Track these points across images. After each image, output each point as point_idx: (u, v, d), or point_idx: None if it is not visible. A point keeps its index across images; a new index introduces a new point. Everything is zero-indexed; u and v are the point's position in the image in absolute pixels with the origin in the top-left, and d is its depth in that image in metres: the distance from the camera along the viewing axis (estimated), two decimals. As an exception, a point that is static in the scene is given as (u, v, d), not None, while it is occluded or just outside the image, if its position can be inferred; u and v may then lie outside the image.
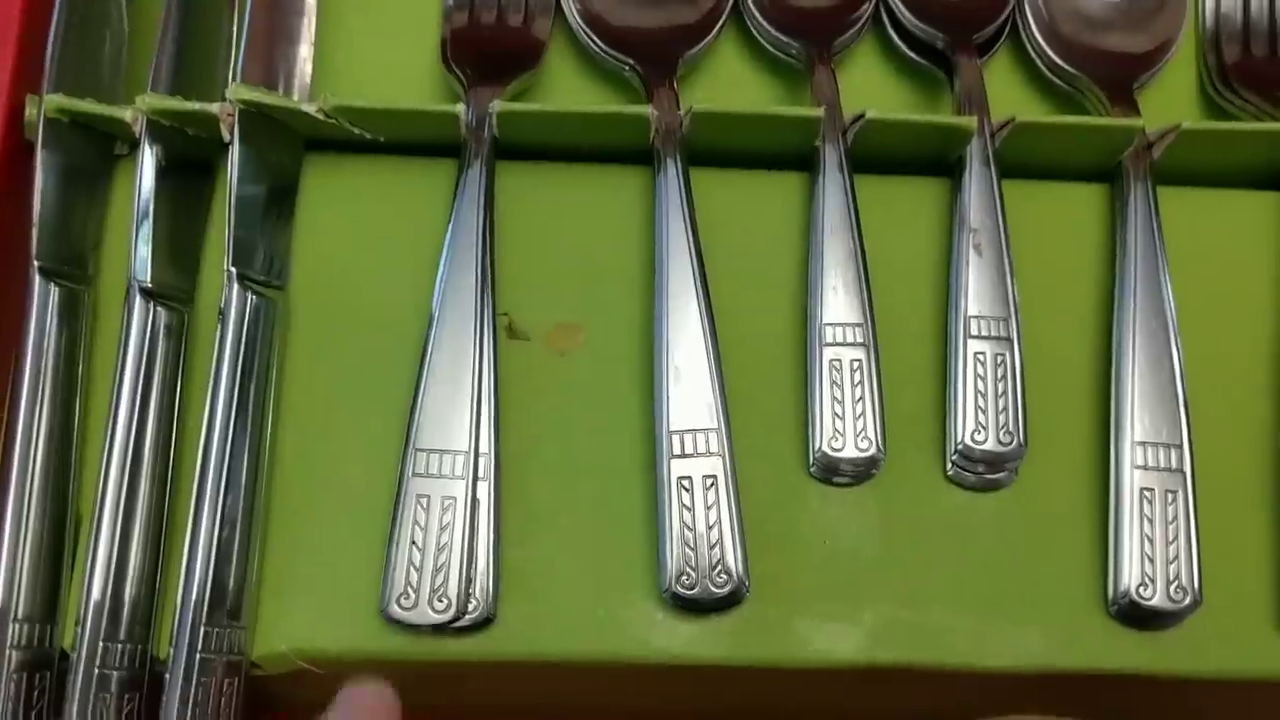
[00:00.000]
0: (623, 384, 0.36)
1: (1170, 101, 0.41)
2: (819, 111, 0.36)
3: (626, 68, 0.39)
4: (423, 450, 0.34)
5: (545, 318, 0.37)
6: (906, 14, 0.39)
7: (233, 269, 0.35)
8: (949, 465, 0.36)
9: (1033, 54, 0.40)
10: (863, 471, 0.35)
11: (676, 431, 0.34)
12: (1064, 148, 0.38)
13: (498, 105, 0.36)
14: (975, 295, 0.36)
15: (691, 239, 0.36)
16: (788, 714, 0.38)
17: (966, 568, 0.35)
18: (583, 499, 0.35)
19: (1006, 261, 0.36)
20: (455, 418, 0.34)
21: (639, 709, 0.39)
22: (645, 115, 0.36)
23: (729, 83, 0.40)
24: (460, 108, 0.36)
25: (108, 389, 0.35)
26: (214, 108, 0.36)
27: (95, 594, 0.33)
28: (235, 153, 0.35)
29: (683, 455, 0.34)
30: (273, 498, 0.35)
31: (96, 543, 0.33)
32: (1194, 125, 0.37)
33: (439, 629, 0.33)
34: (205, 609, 0.33)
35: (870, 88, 0.41)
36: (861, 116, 0.36)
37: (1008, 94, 0.41)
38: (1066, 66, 0.39)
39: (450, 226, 0.36)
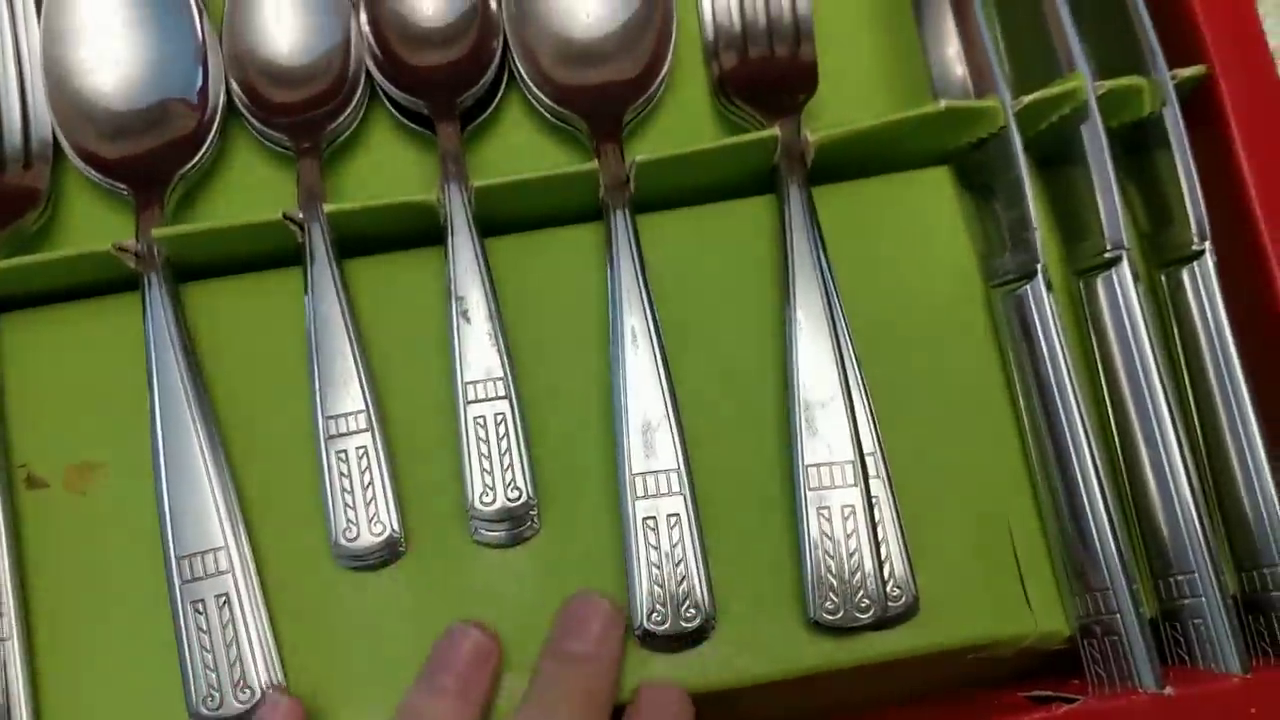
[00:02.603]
0: (146, 513, 0.36)
1: (680, 119, 0.42)
2: (276, 215, 0.37)
3: (123, 193, 0.39)
4: (-55, 621, 0.35)
5: (62, 459, 0.37)
6: (391, 87, 0.40)
7: None
8: (472, 529, 0.36)
9: (531, 101, 0.41)
10: (385, 553, 0.36)
11: (185, 556, 0.35)
12: (541, 200, 0.38)
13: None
14: (469, 360, 0.37)
15: (181, 357, 0.36)
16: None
17: (503, 624, 0.36)
18: (116, 635, 0.36)
19: (496, 323, 0.37)
20: (-26, 583, 0.35)
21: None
22: (108, 251, 0.37)
23: (236, 186, 0.41)
24: (-76, 279, 0.37)
25: None
26: None
27: None
28: None
29: (194, 580, 0.35)
30: None
31: None
32: (647, 157, 0.37)
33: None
34: None
35: (381, 160, 0.41)
36: (320, 213, 0.37)
37: (525, 141, 0.42)
38: (558, 108, 0.40)
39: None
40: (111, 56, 0.40)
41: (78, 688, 0.35)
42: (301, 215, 0.38)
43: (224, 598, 0.35)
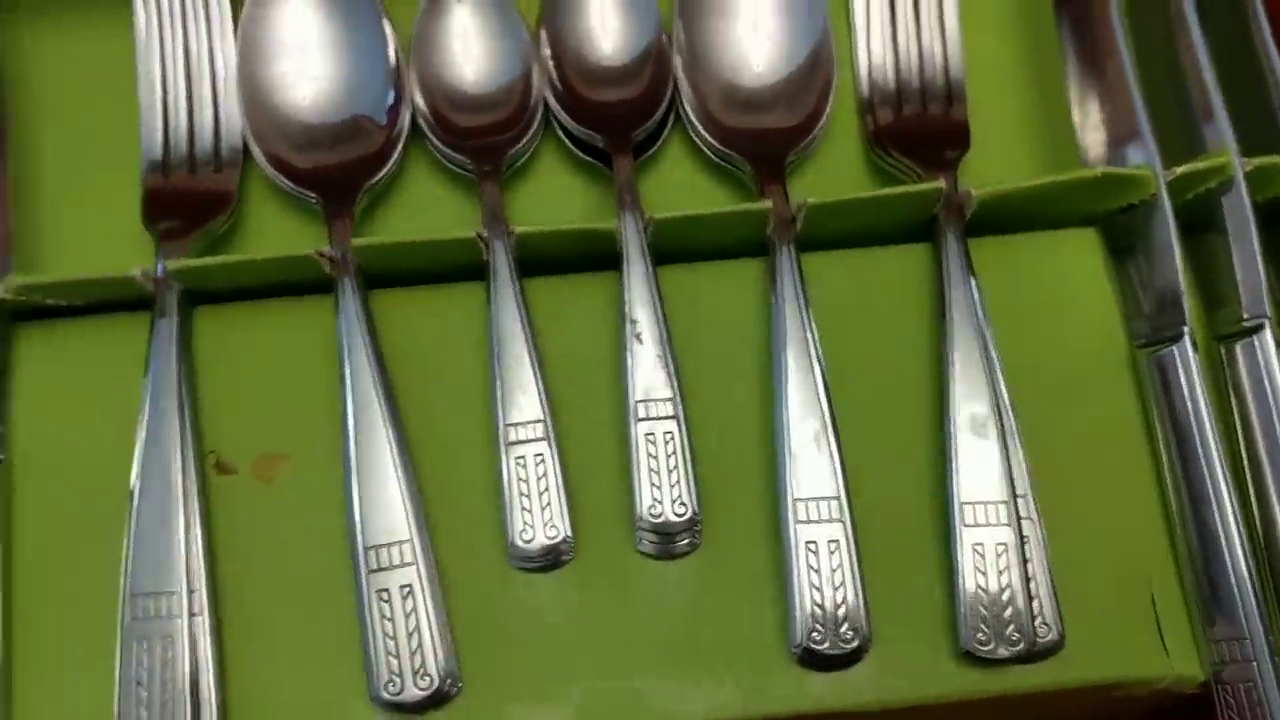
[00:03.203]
0: (327, 505, 0.38)
1: (838, 166, 0.44)
2: (470, 233, 0.39)
3: (311, 202, 0.41)
4: (138, 596, 0.36)
5: (251, 450, 0.39)
6: (569, 120, 0.42)
7: (-57, 447, 0.37)
8: (636, 539, 0.38)
9: (695, 140, 0.43)
10: (556, 557, 0.38)
11: (372, 547, 0.37)
12: (710, 234, 0.41)
13: (172, 263, 0.39)
14: (641, 380, 0.39)
15: (374, 360, 0.38)
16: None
17: (662, 632, 0.38)
18: (298, 619, 0.38)
19: (666, 346, 0.39)
20: (167, 560, 0.37)
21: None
22: (312, 255, 0.39)
23: (417, 203, 0.43)
24: (136, 270, 0.39)
25: None
26: (-98, 300, 0.38)
27: None
28: (-67, 340, 0.38)
29: (379, 569, 0.37)
30: (13, 657, 0.37)
31: None
32: (819, 200, 0.40)
33: (169, 763, 0.36)
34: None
35: (553, 191, 0.43)
36: (512, 233, 0.39)
37: (683, 178, 0.44)
38: (722, 149, 0.43)
39: (147, 377, 0.38)
40: (309, 72, 0.42)
41: (261, 665, 0.37)
42: (487, 234, 0.40)
43: (408, 588, 0.36)
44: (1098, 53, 0.43)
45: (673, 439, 0.38)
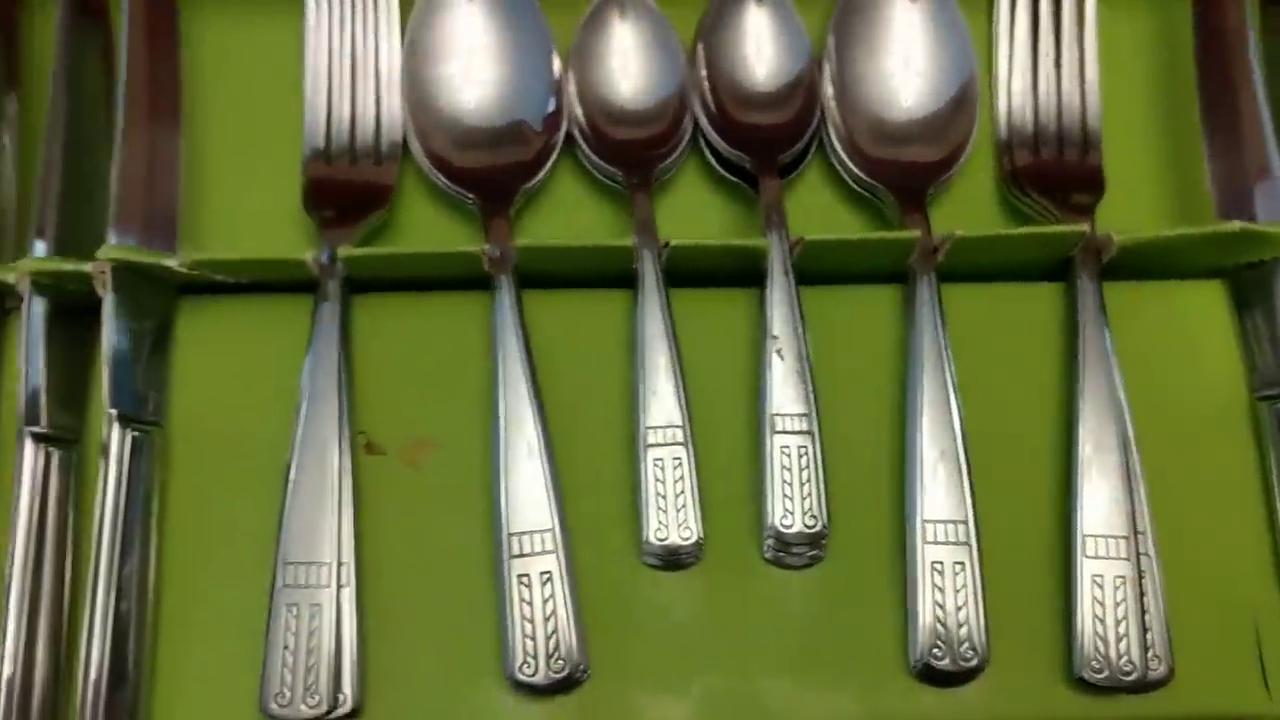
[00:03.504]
0: (470, 491, 0.40)
1: (971, 202, 0.46)
2: (629, 241, 0.41)
3: (468, 201, 0.43)
4: (290, 564, 0.38)
5: (400, 434, 0.41)
6: (718, 139, 0.44)
7: (112, 410, 0.39)
8: (765, 547, 0.40)
9: (837, 168, 0.45)
10: (688, 557, 0.39)
11: (515, 534, 0.38)
12: (854, 258, 0.42)
13: (343, 251, 0.41)
14: (778, 394, 0.40)
15: (525, 356, 0.40)
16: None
17: (784, 638, 0.39)
18: (437, 598, 0.39)
19: (805, 363, 0.40)
20: (318, 532, 0.38)
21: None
22: (475, 251, 0.41)
23: (565, 209, 0.45)
24: (308, 254, 0.41)
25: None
26: (88, 266, 0.40)
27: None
28: (109, 305, 0.39)
29: (520, 555, 0.38)
30: (161, 612, 0.39)
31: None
32: (967, 233, 0.41)
33: (311, 723, 0.37)
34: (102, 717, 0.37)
35: (694, 206, 0.45)
36: (667, 245, 0.41)
37: (820, 203, 0.45)
38: (865, 177, 0.44)
39: (308, 357, 0.40)
40: (475, 76, 0.44)
41: (399, 638, 0.39)
42: (637, 243, 0.41)
43: (547, 575, 0.38)
44: (1233, 106, 0.44)
45: (806, 453, 0.40)
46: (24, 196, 0.43)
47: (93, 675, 0.37)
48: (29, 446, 0.39)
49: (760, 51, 0.45)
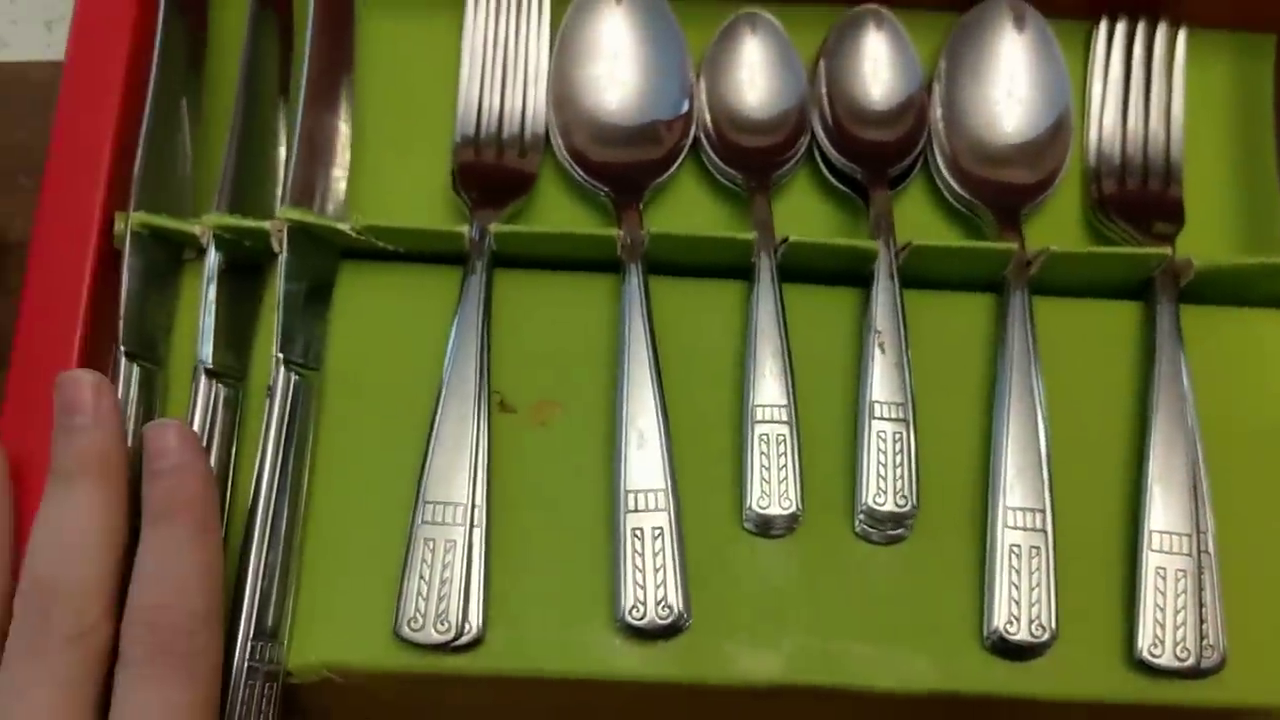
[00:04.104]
0: (590, 450, 0.44)
1: (1059, 223, 0.50)
2: (751, 235, 0.45)
3: (602, 193, 0.48)
4: (429, 503, 0.42)
5: (530, 395, 0.45)
6: (833, 151, 0.48)
7: (280, 354, 0.43)
8: (856, 523, 0.44)
9: (939, 184, 0.49)
10: (785, 526, 0.43)
11: (632, 491, 0.42)
12: (954, 266, 0.46)
13: (495, 226, 0.45)
14: (879, 384, 0.44)
15: (649, 334, 0.44)
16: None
17: (868, 606, 0.43)
18: (556, 543, 0.43)
19: (905, 357, 0.44)
20: (456, 476, 0.43)
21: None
22: (613, 235, 0.45)
23: (687, 206, 0.49)
24: (465, 228, 0.45)
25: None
26: (266, 224, 0.44)
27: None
28: (283, 261, 0.44)
29: (636, 510, 0.42)
30: (308, 539, 0.43)
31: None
32: (1060, 249, 0.45)
33: (440, 648, 0.41)
34: (252, 629, 0.41)
35: (804, 211, 0.49)
36: (785, 240, 0.45)
37: (920, 216, 0.49)
38: (965, 195, 0.48)
39: (456, 322, 0.45)
40: (619, 78, 0.49)
41: (521, 577, 0.43)
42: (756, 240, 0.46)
43: (659, 530, 0.42)
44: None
45: (901, 439, 0.43)
46: (198, 166, 0.48)
47: (247, 592, 0.41)
48: (203, 380, 0.43)
49: (876, 73, 0.49)
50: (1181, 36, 0.50)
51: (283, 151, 0.48)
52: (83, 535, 0.38)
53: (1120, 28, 0.51)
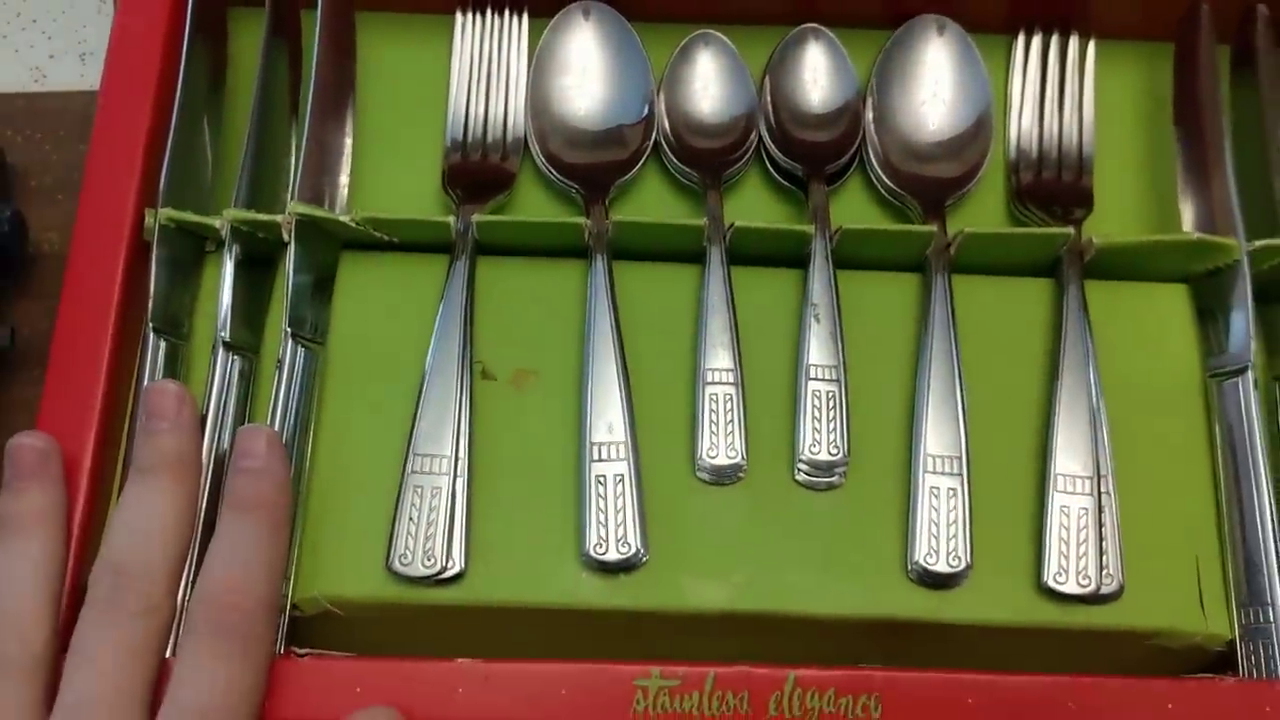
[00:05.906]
0: (561, 410, 0.50)
1: (983, 212, 0.55)
2: (702, 221, 0.51)
3: (573, 191, 0.54)
4: (419, 455, 0.48)
5: (508, 364, 0.51)
6: (777, 152, 0.54)
7: (289, 329, 0.50)
8: (795, 471, 0.49)
9: (873, 179, 0.55)
10: (732, 475, 0.49)
11: (596, 443, 0.48)
12: (881, 247, 0.52)
13: (477, 216, 0.51)
14: (815, 350, 0.50)
15: (613, 311, 0.50)
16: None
17: (806, 543, 0.48)
18: (529, 490, 0.49)
19: (838, 327, 0.50)
20: (443, 432, 0.49)
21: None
22: (581, 224, 0.51)
23: (649, 202, 0.55)
24: (451, 219, 0.51)
25: (197, 414, 0.49)
26: (278, 218, 0.51)
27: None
28: (292, 250, 0.50)
29: (599, 460, 0.48)
30: (312, 489, 0.49)
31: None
32: (974, 230, 0.51)
33: (426, 580, 0.47)
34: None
35: (753, 205, 0.55)
36: (732, 226, 0.51)
37: (857, 208, 0.55)
38: (895, 187, 0.54)
39: (443, 302, 0.51)
40: (589, 89, 0.55)
41: (498, 520, 0.48)
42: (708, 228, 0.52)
43: (620, 477, 0.48)
44: (1203, 145, 0.53)
45: (834, 398, 0.49)
46: (218, 170, 0.55)
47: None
48: (221, 353, 0.50)
49: (816, 82, 0.55)
50: (1092, 46, 0.57)
51: (292, 160, 0.55)
52: (154, 523, 0.44)
53: (1037, 40, 0.57)
